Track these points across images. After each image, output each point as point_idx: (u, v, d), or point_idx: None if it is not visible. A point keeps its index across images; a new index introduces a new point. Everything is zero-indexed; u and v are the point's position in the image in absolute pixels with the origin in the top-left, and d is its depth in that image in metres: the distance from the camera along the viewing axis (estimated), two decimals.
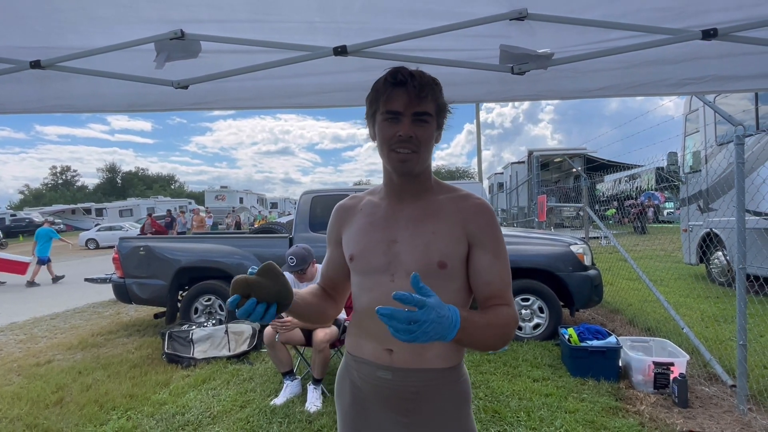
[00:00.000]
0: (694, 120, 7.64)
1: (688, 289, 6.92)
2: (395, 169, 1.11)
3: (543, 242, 4.89)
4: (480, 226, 1.11)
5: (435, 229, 1.11)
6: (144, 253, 5.28)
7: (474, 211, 1.12)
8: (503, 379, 3.67)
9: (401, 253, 1.12)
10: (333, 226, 1.29)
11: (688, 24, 1.33)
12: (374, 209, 1.20)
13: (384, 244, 1.14)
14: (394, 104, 1.06)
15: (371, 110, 1.13)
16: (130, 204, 33.55)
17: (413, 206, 1.15)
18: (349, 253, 1.20)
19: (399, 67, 1.09)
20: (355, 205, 1.26)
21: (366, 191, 1.29)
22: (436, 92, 1.09)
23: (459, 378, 1.16)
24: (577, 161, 18.67)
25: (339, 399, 1.27)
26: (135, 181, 70.37)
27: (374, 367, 1.15)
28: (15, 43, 1.46)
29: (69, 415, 3.29)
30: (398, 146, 1.07)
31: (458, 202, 1.15)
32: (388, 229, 1.15)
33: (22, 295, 8.80)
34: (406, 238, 1.12)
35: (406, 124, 1.06)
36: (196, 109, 1.86)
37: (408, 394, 1.13)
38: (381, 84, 1.09)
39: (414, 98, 1.05)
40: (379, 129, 1.10)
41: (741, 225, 3.01)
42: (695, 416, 2.98)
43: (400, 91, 1.05)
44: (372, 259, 1.14)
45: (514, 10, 1.28)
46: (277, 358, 3.48)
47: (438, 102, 1.10)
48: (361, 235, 1.19)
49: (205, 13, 1.35)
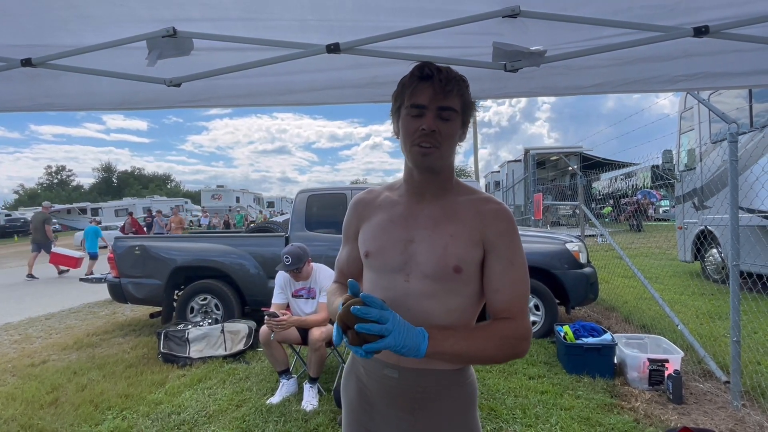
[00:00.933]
0: (689, 118, 7.68)
1: (683, 287, 6.96)
2: (416, 164, 1.09)
3: (539, 240, 4.90)
4: (498, 232, 1.08)
5: (453, 232, 1.08)
6: (139, 252, 5.26)
7: (493, 216, 1.09)
8: (499, 376, 3.68)
9: (417, 254, 1.10)
10: (351, 220, 1.27)
11: (679, 21, 1.33)
12: (393, 206, 1.18)
13: (401, 243, 1.12)
14: (419, 98, 1.04)
15: (396, 105, 1.11)
16: (125, 204, 33.37)
17: (433, 206, 1.13)
18: (365, 249, 1.17)
19: (426, 62, 1.08)
20: (373, 200, 1.23)
21: (383, 186, 1.27)
22: (462, 88, 1.07)
23: (466, 380, 1.16)
24: (573, 159, 18.72)
25: (345, 393, 1.28)
26: (131, 180, 70.09)
27: (381, 365, 1.15)
28: (5, 41, 1.45)
29: (64, 416, 3.28)
30: (421, 140, 1.04)
31: (478, 205, 1.12)
32: (407, 228, 1.13)
33: (17, 295, 8.75)
34: (423, 238, 1.10)
35: (430, 118, 1.03)
36: (188, 106, 1.85)
37: (414, 393, 1.12)
38: (407, 78, 1.08)
39: (439, 92, 1.03)
40: (403, 123, 1.08)
41: (734, 222, 3.03)
42: (690, 412, 3.00)
43: (425, 85, 1.04)
44: (388, 257, 1.12)
45: (507, 7, 1.28)
46: (273, 357, 3.48)
47: (464, 98, 1.08)
48: (379, 231, 1.16)
49: (197, 12, 1.34)
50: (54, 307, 7.44)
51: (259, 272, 5.06)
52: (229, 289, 5.11)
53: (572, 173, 18.67)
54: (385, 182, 1.34)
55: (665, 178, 7.88)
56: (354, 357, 1.26)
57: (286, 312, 3.44)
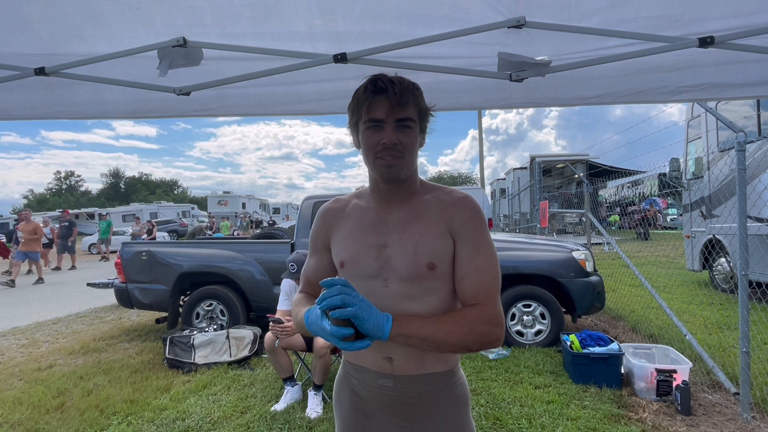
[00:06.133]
0: (696, 126, 7.64)
1: (691, 296, 6.88)
2: (382, 176, 1.11)
3: (545, 248, 4.88)
4: (462, 220, 1.10)
5: (422, 230, 1.11)
6: (146, 258, 5.30)
7: (456, 206, 1.12)
8: (505, 385, 3.66)
9: (392, 258, 1.11)
10: (320, 230, 1.26)
11: (684, 32, 1.34)
12: (363, 214, 1.19)
13: (375, 249, 1.13)
14: (376, 112, 1.05)
15: (353, 119, 1.13)
16: (133, 209, 33.58)
17: (401, 209, 1.15)
18: (340, 259, 1.18)
19: (378, 75, 1.08)
20: (341, 209, 1.23)
21: (351, 194, 1.27)
22: (417, 97, 1.09)
23: (457, 381, 1.19)
24: (580, 167, 18.64)
25: (338, 407, 1.27)
26: (138, 186, 70.63)
27: (375, 376, 1.16)
28: (20, 50, 1.49)
29: (69, 420, 3.29)
30: (383, 154, 1.07)
31: (441, 198, 1.14)
32: (378, 233, 1.14)
33: (25, 299, 8.82)
34: (395, 241, 1.12)
35: (389, 132, 1.05)
36: (197, 115, 1.88)
37: (410, 399, 1.15)
38: (361, 92, 1.08)
39: (395, 105, 1.04)
40: (363, 138, 1.09)
41: (743, 231, 3.00)
42: (698, 424, 2.96)
43: (381, 99, 1.05)
44: (363, 264, 1.14)
45: (513, 18, 1.30)
46: (278, 364, 3.48)
47: (419, 106, 1.10)
48: (350, 240, 1.17)
49: (208, 17, 1.36)
50: (61, 311, 7.50)
51: (264, 278, 5.08)
52: (234, 295, 5.13)
53: (578, 181, 18.59)
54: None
55: (672, 186, 7.83)
56: (346, 369, 1.26)
57: (291, 319, 3.45)
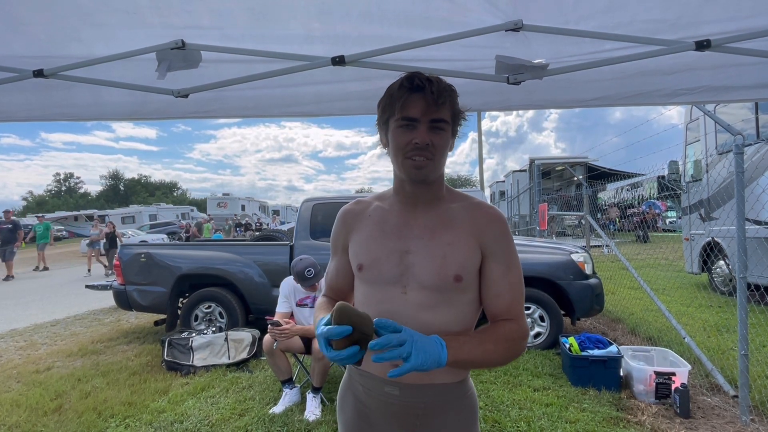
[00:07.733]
0: (695, 129, 7.65)
1: (690, 299, 6.88)
2: (410, 177, 1.07)
3: (544, 251, 4.88)
4: (494, 236, 1.08)
5: (451, 240, 1.07)
6: (145, 260, 5.30)
7: (488, 221, 1.09)
8: (503, 388, 3.65)
9: (415, 265, 1.07)
10: (339, 232, 1.22)
11: (681, 35, 1.34)
12: (385, 216, 1.15)
13: (397, 254, 1.09)
14: (410, 110, 1.02)
15: (384, 116, 1.08)
16: (132, 211, 33.60)
17: (427, 215, 1.11)
18: (358, 262, 1.14)
19: (415, 72, 1.05)
20: (362, 211, 1.19)
21: (372, 196, 1.24)
22: (453, 98, 1.06)
23: (466, 392, 1.14)
24: (579, 170, 18.67)
25: (341, 413, 1.24)
26: (138, 188, 70.65)
27: (381, 382, 1.12)
28: (18, 52, 1.49)
29: (67, 423, 3.28)
30: (414, 154, 1.03)
31: (472, 211, 1.11)
32: (401, 238, 1.10)
33: (24, 301, 8.80)
34: (420, 248, 1.08)
35: (422, 131, 1.01)
36: (196, 117, 1.88)
37: (416, 409, 1.10)
38: (396, 89, 1.04)
39: (432, 104, 1.01)
40: (393, 136, 1.05)
41: (741, 234, 3.01)
42: (697, 427, 2.96)
43: (417, 97, 1.01)
44: (383, 269, 1.09)
45: (510, 21, 1.30)
46: (277, 366, 3.47)
47: (454, 109, 1.07)
48: (371, 243, 1.13)
49: (206, 20, 1.36)
50: (59, 313, 7.48)
51: (263, 281, 5.08)
52: (233, 297, 5.12)
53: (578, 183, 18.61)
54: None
55: (671, 188, 7.84)
56: (351, 374, 1.22)
57: (289, 321, 3.44)
